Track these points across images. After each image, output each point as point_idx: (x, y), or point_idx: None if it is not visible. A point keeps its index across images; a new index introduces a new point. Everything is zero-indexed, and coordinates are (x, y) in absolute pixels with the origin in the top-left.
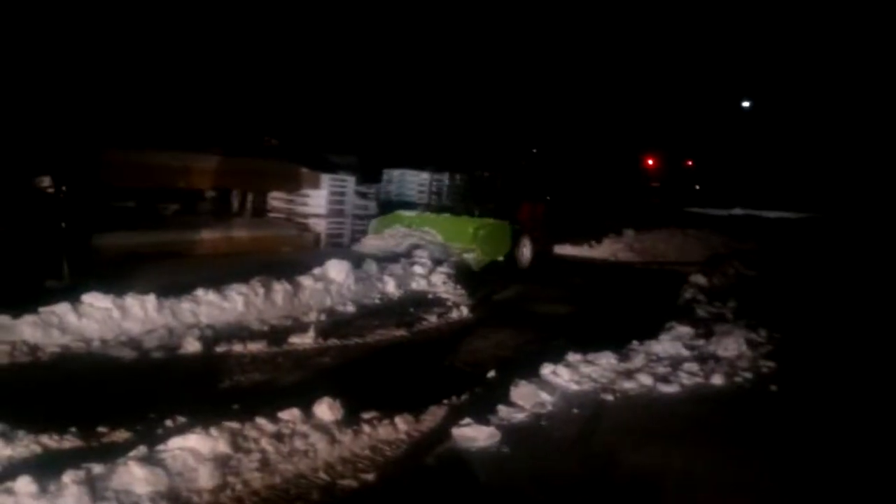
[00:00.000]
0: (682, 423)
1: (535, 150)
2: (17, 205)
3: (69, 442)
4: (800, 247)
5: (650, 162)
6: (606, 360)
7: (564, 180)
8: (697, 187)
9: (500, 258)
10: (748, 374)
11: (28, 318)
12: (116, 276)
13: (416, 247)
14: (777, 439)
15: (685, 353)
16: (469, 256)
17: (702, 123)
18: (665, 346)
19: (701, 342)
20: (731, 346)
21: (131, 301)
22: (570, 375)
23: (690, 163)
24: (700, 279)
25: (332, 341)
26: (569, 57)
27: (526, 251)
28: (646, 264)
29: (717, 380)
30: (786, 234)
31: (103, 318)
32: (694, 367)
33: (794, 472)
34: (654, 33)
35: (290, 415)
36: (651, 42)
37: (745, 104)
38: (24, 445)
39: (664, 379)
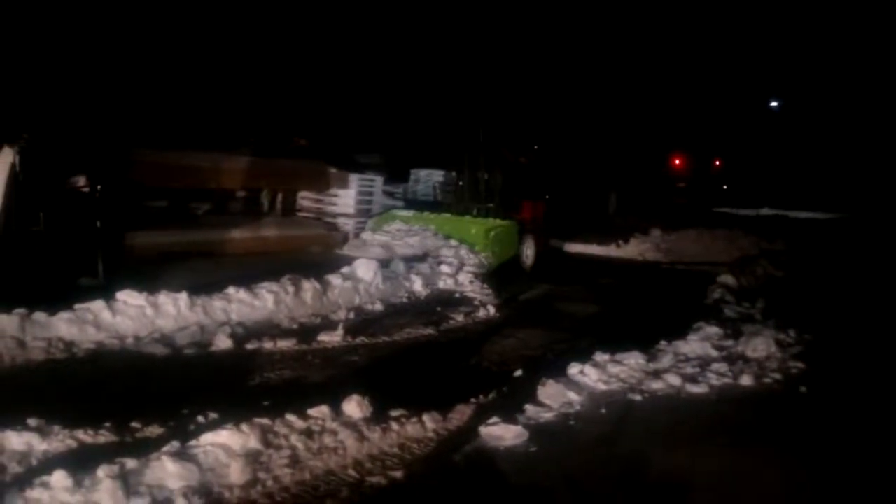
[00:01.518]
0: (710, 423)
1: (536, 147)
2: (53, 204)
3: (103, 437)
4: (829, 247)
5: (677, 162)
6: (634, 360)
7: (586, 179)
8: (725, 187)
9: (507, 260)
10: (777, 375)
11: (64, 315)
12: (149, 274)
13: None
14: (807, 441)
15: (714, 353)
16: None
17: (730, 123)
18: (693, 346)
19: (729, 343)
20: (760, 346)
21: (164, 299)
22: (597, 375)
23: (718, 162)
24: (728, 279)
25: (361, 339)
26: (597, 56)
27: (530, 252)
28: (673, 264)
29: (746, 381)
30: (815, 235)
31: (137, 315)
32: (722, 367)
33: (825, 474)
34: (681, 33)
35: (320, 412)
36: (679, 41)
37: (774, 104)
38: (60, 440)
39: (692, 379)
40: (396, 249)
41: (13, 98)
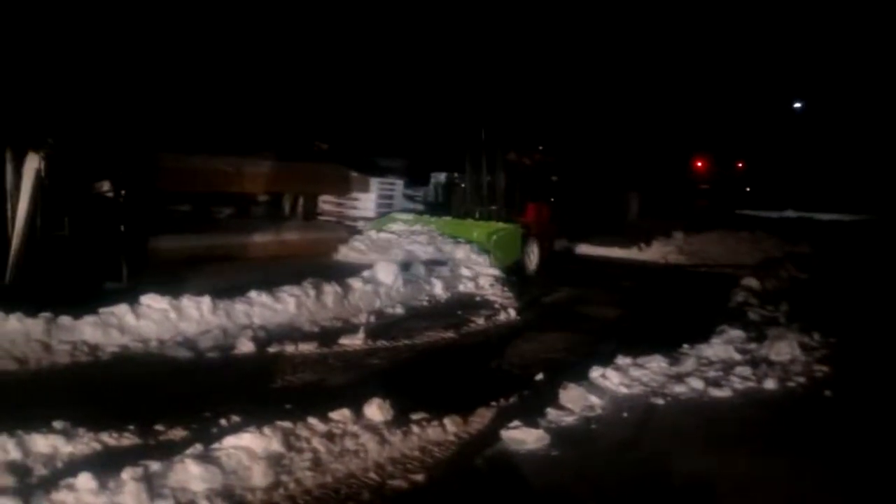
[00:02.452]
0: (734, 428)
1: (541, 147)
2: (78, 209)
3: (128, 440)
4: (854, 250)
5: (699, 164)
6: (657, 364)
7: (607, 181)
8: (748, 189)
9: (510, 264)
10: (802, 379)
11: (88, 319)
12: (172, 278)
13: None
14: (832, 446)
15: (737, 356)
16: None
17: (753, 125)
18: (716, 349)
19: (753, 346)
20: (784, 350)
21: (187, 302)
22: (619, 379)
23: (741, 164)
24: (752, 282)
25: (382, 343)
26: (619, 58)
27: (533, 256)
28: (696, 267)
29: (770, 384)
30: (840, 237)
31: (160, 318)
32: (746, 371)
33: (851, 480)
34: (704, 34)
35: (341, 415)
36: (702, 43)
37: (797, 105)
38: (85, 443)
39: (716, 383)
40: (391, 253)
41: (38, 104)
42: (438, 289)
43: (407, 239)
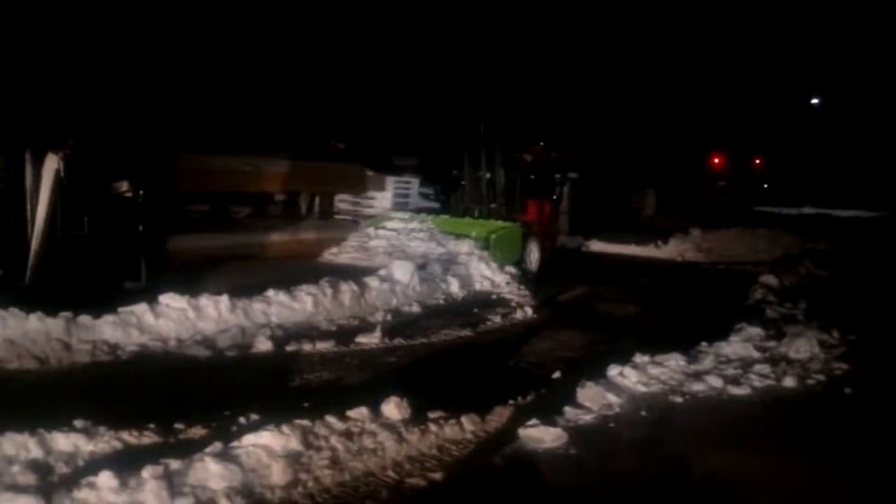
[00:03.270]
0: (753, 426)
1: (541, 143)
2: (97, 209)
3: (148, 438)
4: (874, 246)
5: (717, 160)
6: (675, 362)
7: (623, 178)
8: (766, 185)
9: (510, 264)
10: (821, 377)
11: (108, 318)
12: (190, 277)
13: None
14: (852, 444)
15: (756, 354)
16: None
17: (770, 121)
18: (735, 347)
19: (772, 344)
20: (803, 347)
21: (205, 301)
22: (637, 377)
23: (759, 161)
24: (770, 279)
25: (398, 341)
26: (635, 53)
27: (534, 255)
28: (714, 264)
29: (789, 382)
30: (859, 234)
31: (179, 317)
32: (765, 369)
33: (871, 478)
34: (721, 29)
35: (359, 413)
36: (719, 38)
37: (815, 100)
38: (106, 441)
39: (734, 381)
40: (377, 255)
41: (57, 106)
42: (455, 287)
43: (407, 237)
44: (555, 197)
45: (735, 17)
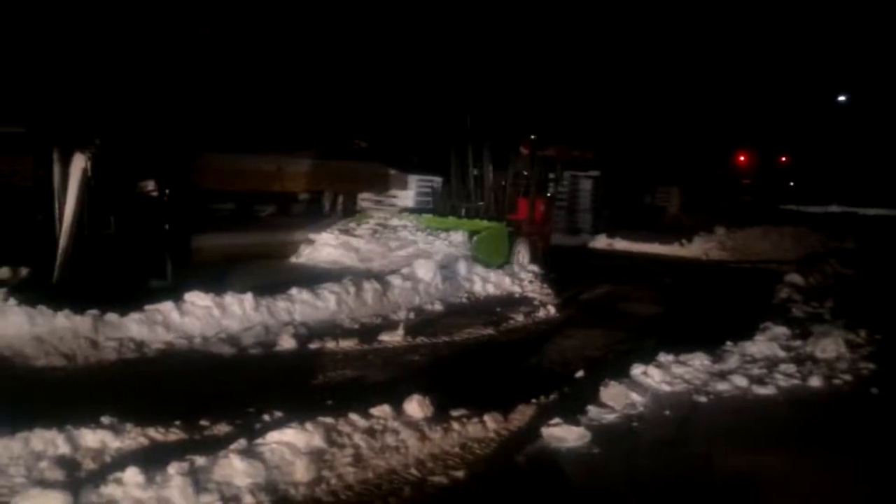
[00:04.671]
0: (778, 426)
1: (533, 137)
2: (123, 208)
3: (174, 434)
4: None
5: (742, 158)
6: (699, 361)
7: (646, 176)
8: (792, 184)
9: (496, 266)
10: (847, 377)
11: (134, 316)
12: (215, 275)
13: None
14: (879, 445)
15: (781, 354)
16: None
17: (796, 118)
18: (760, 346)
19: (798, 343)
20: (829, 347)
21: (230, 300)
22: (661, 376)
23: (784, 159)
24: (796, 278)
25: (421, 339)
26: (659, 50)
27: (523, 257)
28: (739, 263)
29: (815, 382)
30: (885, 232)
31: (204, 315)
32: (791, 368)
33: None
34: (747, 26)
35: (382, 411)
36: (745, 35)
37: (841, 98)
38: (132, 438)
39: (760, 381)
40: (346, 261)
41: (84, 106)
42: (477, 286)
43: (383, 234)
44: (549, 194)
45: (762, 14)
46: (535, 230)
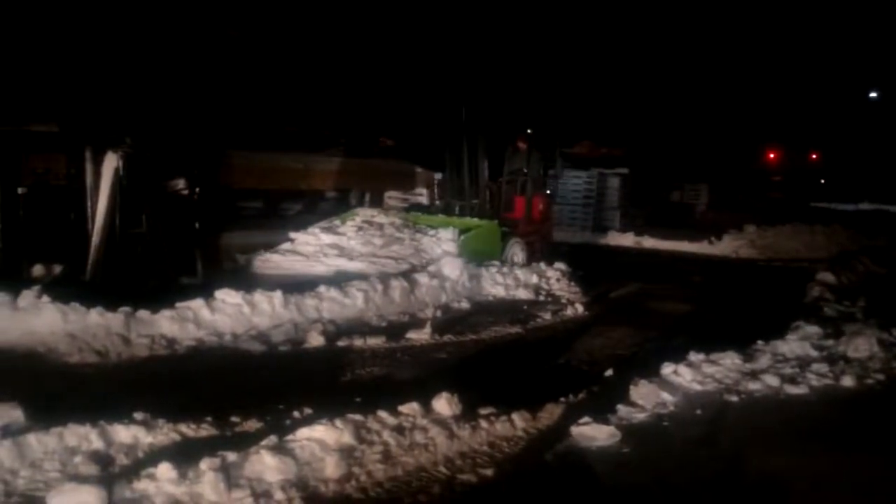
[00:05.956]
0: (811, 425)
1: (529, 131)
2: (154, 207)
3: (205, 430)
4: None
5: (772, 155)
6: (730, 360)
7: (674, 174)
8: (822, 181)
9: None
10: (881, 376)
11: (166, 313)
12: (245, 273)
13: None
14: None
15: (813, 353)
16: None
17: (827, 115)
18: (792, 346)
19: (830, 342)
20: (862, 346)
21: (259, 297)
22: (692, 375)
23: (815, 156)
24: (828, 277)
25: (448, 337)
26: (689, 46)
27: (518, 258)
28: (769, 261)
29: (848, 382)
30: None
31: (234, 313)
32: (823, 368)
33: None
34: (776, 21)
35: (410, 409)
36: (774, 31)
37: (873, 94)
38: (164, 433)
39: (791, 380)
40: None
41: (116, 105)
42: (504, 284)
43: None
44: (548, 191)
45: (793, 9)
46: (533, 230)
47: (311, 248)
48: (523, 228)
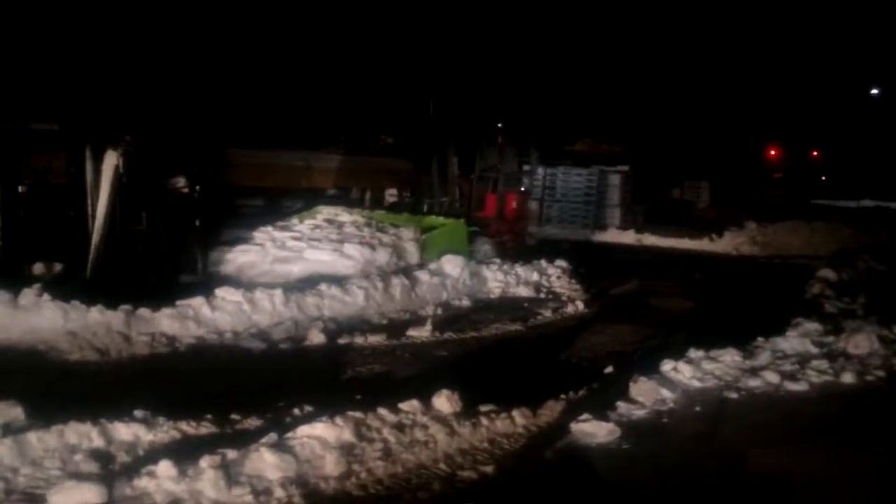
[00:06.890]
0: (810, 422)
1: (500, 126)
2: (155, 204)
3: (205, 428)
4: None
5: (773, 152)
6: (730, 357)
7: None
8: (823, 178)
9: None
10: (881, 373)
11: (166, 311)
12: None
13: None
14: None
15: (813, 350)
16: None
17: (828, 112)
18: (792, 342)
19: (830, 339)
20: (862, 343)
21: (260, 295)
22: (691, 372)
23: (816, 153)
24: (828, 273)
25: (449, 335)
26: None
27: (486, 259)
28: (769, 258)
29: (848, 378)
30: None
31: (235, 311)
32: (823, 364)
33: None
34: (777, 18)
35: (410, 406)
36: (775, 27)
37: (874, 91)
38: (165, 431)
39: (791, 377)
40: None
41: (116, 103)
42: (504, 281)
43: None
44: (522, 189)
45: (794, 6)
46: (505, 229)
47: (258, 247)
48: (495, 228)
